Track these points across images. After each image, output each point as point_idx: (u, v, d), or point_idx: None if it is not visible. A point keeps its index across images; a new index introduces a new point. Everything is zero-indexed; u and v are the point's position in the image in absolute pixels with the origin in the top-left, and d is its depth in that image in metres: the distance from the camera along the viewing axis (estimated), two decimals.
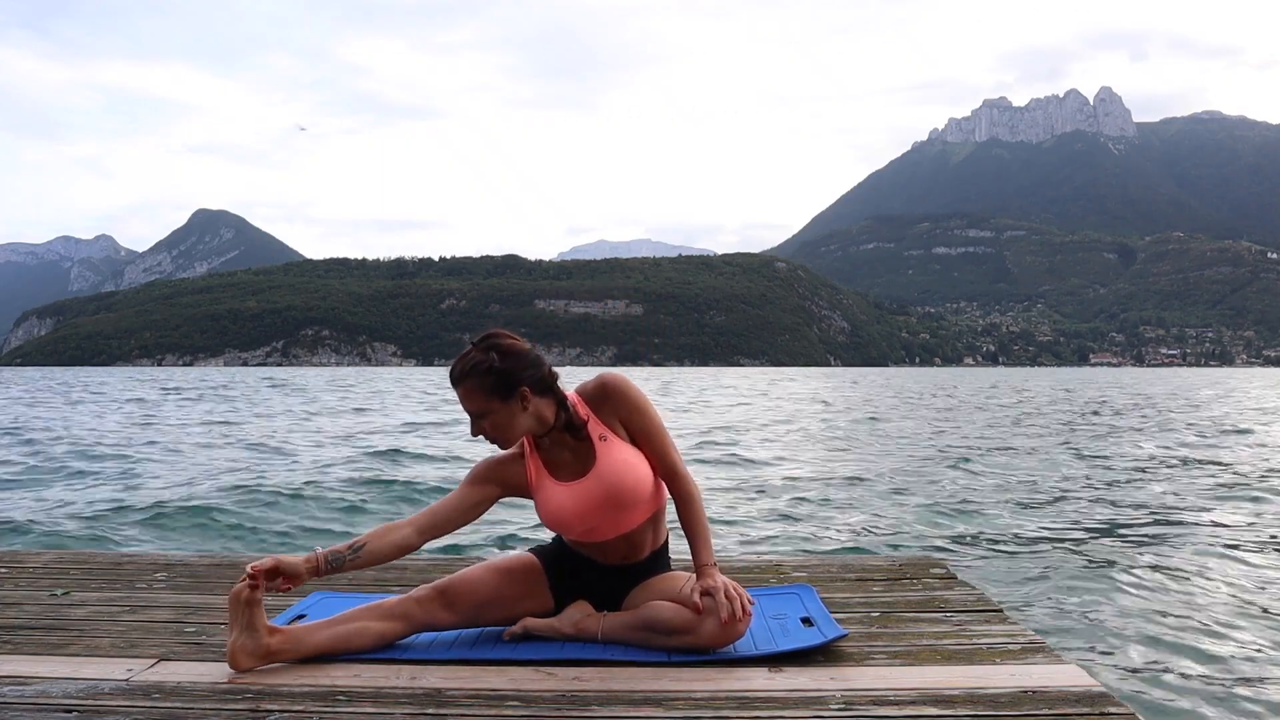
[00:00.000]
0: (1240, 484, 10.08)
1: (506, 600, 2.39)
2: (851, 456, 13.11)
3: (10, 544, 6.48)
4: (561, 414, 2.30)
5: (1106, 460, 12.54)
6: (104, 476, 10.38)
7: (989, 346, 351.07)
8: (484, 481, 2.38)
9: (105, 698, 1.99)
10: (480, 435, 2.29)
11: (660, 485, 2.37)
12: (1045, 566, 5.85)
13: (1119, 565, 5.85)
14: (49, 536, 6.78)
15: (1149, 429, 19.07)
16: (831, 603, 2.65)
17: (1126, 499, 8.96)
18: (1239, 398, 37.42)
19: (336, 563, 2.26)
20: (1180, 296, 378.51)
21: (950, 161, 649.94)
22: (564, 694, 2.00)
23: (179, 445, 14.28)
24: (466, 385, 2.24)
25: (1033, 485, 10.01)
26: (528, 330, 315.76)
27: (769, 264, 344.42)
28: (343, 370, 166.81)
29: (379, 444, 14.09)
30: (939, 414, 25.22)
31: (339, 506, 8.40)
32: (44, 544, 6.52)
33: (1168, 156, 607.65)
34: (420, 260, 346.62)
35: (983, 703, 1.91)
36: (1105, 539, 6.82)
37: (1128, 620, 4.65)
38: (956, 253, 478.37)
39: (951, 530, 7.28)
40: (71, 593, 2.92)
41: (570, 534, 2.40)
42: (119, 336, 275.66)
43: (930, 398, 37.30)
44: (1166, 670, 3.89)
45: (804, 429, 19.14)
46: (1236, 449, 14.42)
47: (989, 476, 10.73)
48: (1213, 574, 5.68)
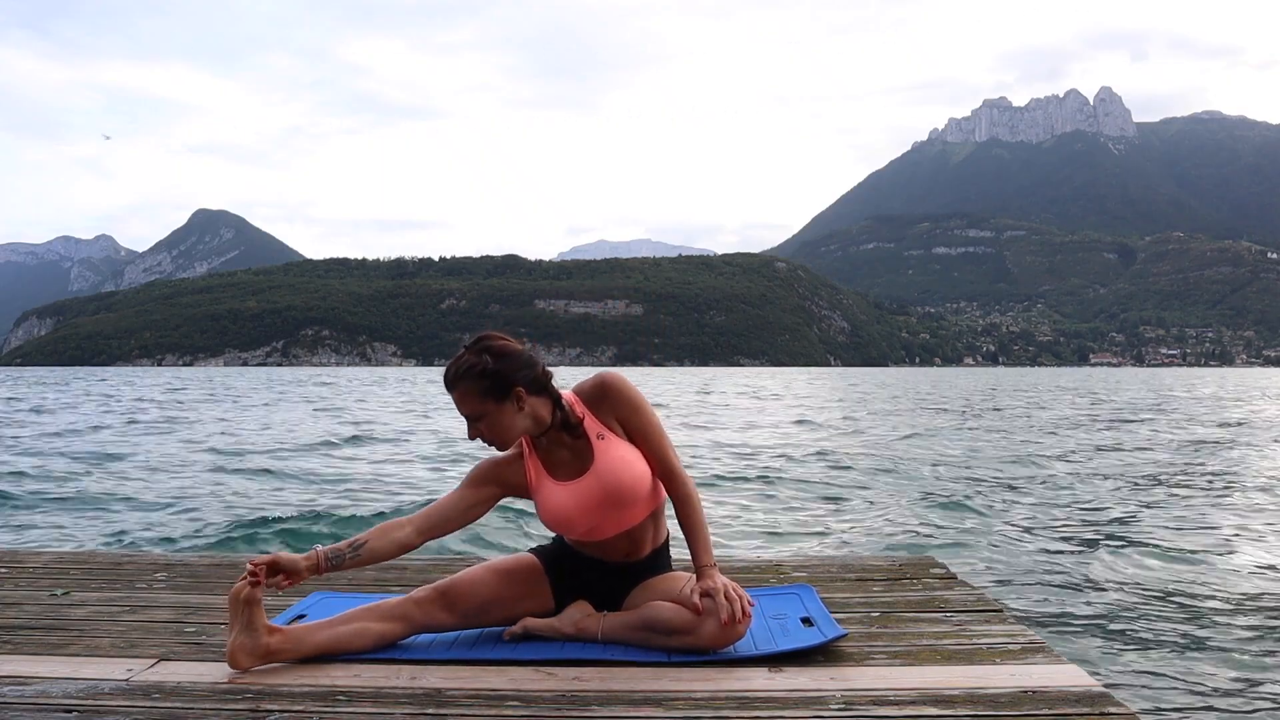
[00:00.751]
0: (1241, 485, 10.08)
1: (507, 601, 2.39)
2: (851, 457, 13.10)
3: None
4: (557, 413, 2.30)
5: (1107, 460, 12.54)
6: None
7: (989, 346, 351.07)
8: (483, 482, 2.38)
9: (105, 698, 1.99)
10: (478, 438, 2.30)
11: (659, 482, 2.36)
12: (1045, 566, 5.85)
13: (1119, 565, 5.86)
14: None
15: (1149, 429, 19.07)
16: (831, 603, 2.65)
17: (1127, 499, 8.96)
18: (1241, 398, 37.41)
19: (336, 561, 2.26)
20: (1180, 296, 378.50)
21: (950, 161, 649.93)
22: (564, 694, 2.00)
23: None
24: (461, 388, 2.24)
25: (1033, 485, 10.01)
26: (528, 330, 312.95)
27: (769, 264, 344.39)
28: (345, 370, 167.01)
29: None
30: (939, 415, 25.21)
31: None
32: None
33: (1168, 156, 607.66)
34: (420, 260, 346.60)
35: (983, 703, 1.91)
36: (1105, 539, 6.82)
37: (1128, 620, 4.65)
38: (956, 253, 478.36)
39: (951, 530, 7.28)
40: (71, 593, 2.92)
41: (572, 533, 2.39)
42: (119, 336, 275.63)
43: (928, 397, 37.31)
44: (1167, 670, 3.89)
45: (803, 429, 19.14)
46: (1237, 450, 14.42)
47: (989, 477, 10.73)
48: (1213, 574, 5.68)
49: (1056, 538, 6.89)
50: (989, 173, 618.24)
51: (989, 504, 8.56)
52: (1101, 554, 6.21)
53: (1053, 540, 6.78)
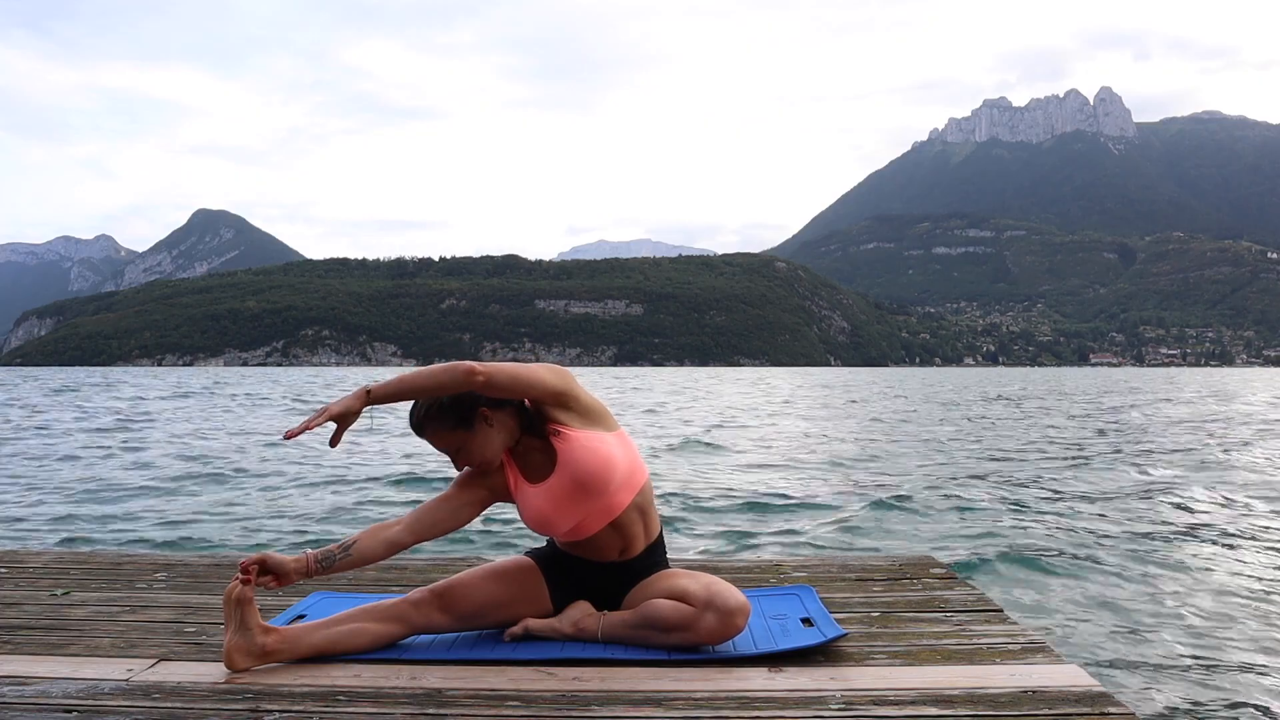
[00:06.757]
0: (1241, 485, 10.08)
1: (503, 604, 2.39)
2: (851, 457, 13.10)
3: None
4: (523, 417, 2.34)
5: (1107, 460, 12.53)
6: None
7: (989, 346, 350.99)
8: (472, 484, 2.38)
9: (105, 698, 1.99)
10: (465, 468, 2.35)
11: (637, 467, 2.36)
12: (1045, 566, 5.85)
13: (1119, 565, 5.86)
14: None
15: (1150, 429, 19.07)
16: (831, 603, 2.64)
17: (1127, 499, 8.95)
18: (1243, 397, 37.40)
19: (328, 563, 2.26)
20: (1180, 296, 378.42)
21: (950, 161, 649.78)
22: (564, 694, 2.00)
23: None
24: (429, 429, 2.28)
25: (1032, 485, 10.00)
26: (528, 330, 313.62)
27: (769, 264, 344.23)
28: (343, 370, 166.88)
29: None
30: (939, 415, 25.21)
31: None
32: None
33: (1168, 156, 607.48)
34: (420, 260, 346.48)
35: (983, 703, 1.91)
36: (1105, 539, 6.81)
37: (1128, 620, 4.65)
38: (956, 253, 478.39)
39: (951, 530, 7.28)
40: (71, 593, 2.92)
41: (558, 533, 2.39)
42: (119, 336, 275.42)
43: (928, 397, 37.30)
44: (1167, 670, 3.88)
45: (804, 428, 19.14)
46: (1238, 450, 14.40)
47: (989, 477, 10.73)
48: (1213, 574, 5.68)
49: (1056, 537, 6.89)
50: (989, 173, 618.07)
51: (989, 504, 8.56)
52: (1102, 554, 6.21)
53: (1052, 539, 6.78)
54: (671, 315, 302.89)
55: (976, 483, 10.15)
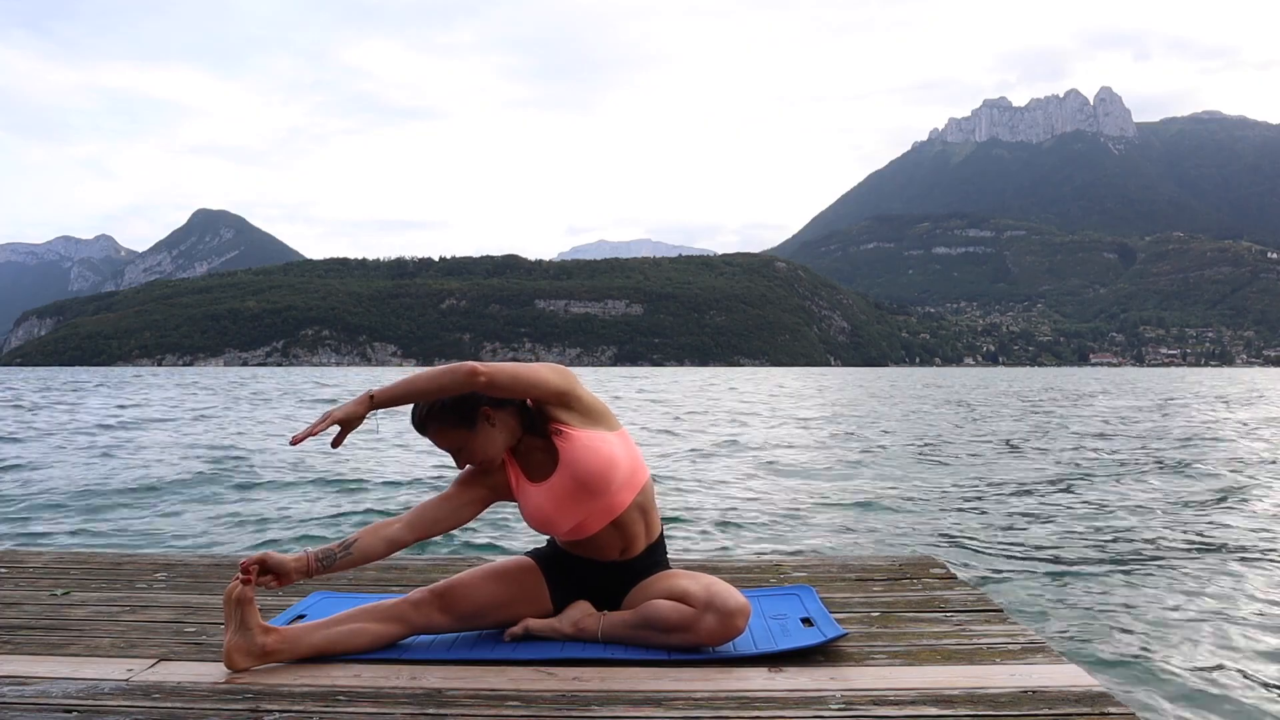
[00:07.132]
0: (1241, 486, 10.07)
1: (503, 604, 2.39)
2: (850, 456, 13.10)
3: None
4: (525, 417, 2.35)
5: (1107, 461, 12.54)
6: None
7: (989, 346, 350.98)
8: (472, 483, 2.39)
9: (105, 698, 1.99)
10: (467, 465, 2.36)
11: (639, 466, 2.37)
12: (1045, 566, 5.85)
13: (1119, 565, 5.85)
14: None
15: (1151, 430, 19.06)
16: (831, 603, 2.64)
17: (1127, 499, 8.95)
18: (1245, 398, 37.40)
19: (328, 562, 2.26)
20: (1180, 296, 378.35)
21: (950, 161, 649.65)
22: (564, 694, 2.00)
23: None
24: (432, 428, 2.29)
25: (1032, 485, 10.00)
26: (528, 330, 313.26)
27: (769, 264, 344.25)
28: (343, 370, 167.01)
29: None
30: (940, 416, 25.21)
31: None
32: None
33: (1168, 156, 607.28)
34: (420, 260, 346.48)
35: (983, 703, 1.91)
36: (1105, 539, 6.82)
37: (1128, 620, 4.65)
38: (956, 253, 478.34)
39: (951, 530, 7.28)
40: (71, 593, 2.92)
41: (560, 533, 2.39)
42: (119, 336, 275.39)
43: (928, 397, 37.30)
44: (1167, 670, 3.89)
45: (804, 429, 19.14)
46: (1238, 450, 14.40)
47: (988, 477, 10.73)
48: (1213, 574, 5.67)
49: (1056, 537, 6.89)
50: (989, 173, 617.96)
51: (989, 504, 8.56)
52: (1102, 554, 6.21)
53: (1052, 540, 6.78)
54: (671, 315, 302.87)
55: (977, 483, 10.16)
